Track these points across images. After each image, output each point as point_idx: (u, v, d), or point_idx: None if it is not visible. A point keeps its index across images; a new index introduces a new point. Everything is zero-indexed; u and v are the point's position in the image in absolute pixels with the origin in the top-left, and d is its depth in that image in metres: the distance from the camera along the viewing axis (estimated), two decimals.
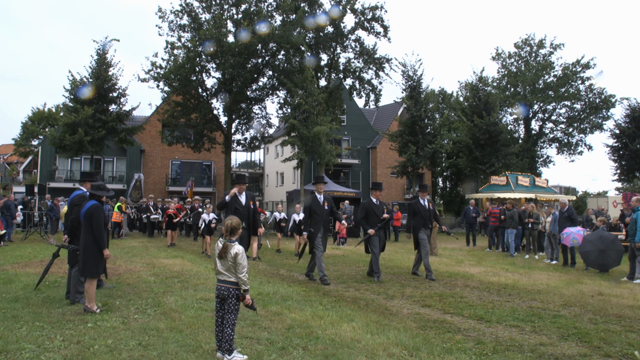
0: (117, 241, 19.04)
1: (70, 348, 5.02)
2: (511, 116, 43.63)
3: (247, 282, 4.77)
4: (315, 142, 25.03)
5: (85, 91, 25.44)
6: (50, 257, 8.77)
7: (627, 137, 35.24)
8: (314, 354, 4.93)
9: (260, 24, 25.11)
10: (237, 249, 4.75)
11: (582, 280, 10.63)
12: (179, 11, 27.27)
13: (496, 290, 9.10)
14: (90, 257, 6.67)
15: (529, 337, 5.80)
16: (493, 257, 15.68)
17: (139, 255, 13.84)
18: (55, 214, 19.32)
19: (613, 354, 5.17)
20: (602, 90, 41.46)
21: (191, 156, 37.10)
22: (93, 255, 6.69)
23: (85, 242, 6.71)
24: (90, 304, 6.61)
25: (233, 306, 4.76)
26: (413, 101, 30.96)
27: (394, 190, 42.91)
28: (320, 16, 27.93)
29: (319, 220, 9.84)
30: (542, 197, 26.19)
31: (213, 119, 29.18)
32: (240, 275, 4.71)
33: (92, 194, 6.98)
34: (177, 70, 25.47)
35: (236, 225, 4.85)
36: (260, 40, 25.69)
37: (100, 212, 6.79)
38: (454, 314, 6.94)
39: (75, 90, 25.70)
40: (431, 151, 30.37)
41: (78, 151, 26.09)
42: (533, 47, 43.03)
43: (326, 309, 7.05)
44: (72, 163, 37.05)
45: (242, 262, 4.72)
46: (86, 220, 6.74)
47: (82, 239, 6.77)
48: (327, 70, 30.66)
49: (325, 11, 28.42)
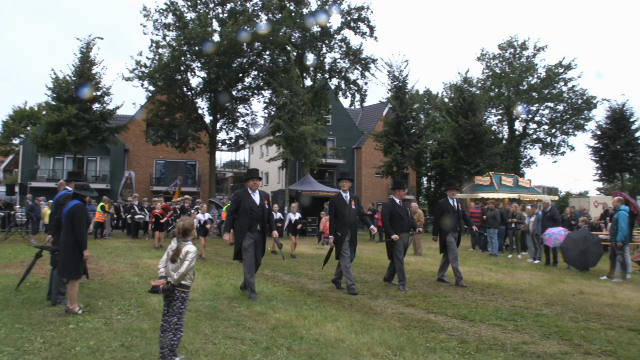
0: (100, 241, 18.83)
1: (50, 350, 4.96)
2: (495, 117, 44.07)
3: (180, 280, 4.51)
4: (301, 142, 25.02)
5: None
6: (32, 258, 8.64)
7: (608, 138, 35.71)
8: (298, 354, 4.93)
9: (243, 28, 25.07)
10: (189, 248, 4.60)
11: (563, 279, 10.76)
12: (164, 10, 27.09)
13: (479, 289, 9.18)
14: (72, 257, 6.57)
15: (512, 335, 5.85)
16: (476, 256, 15.81)
17: (122, 256, 13.70)
18: (36, 214, 19.04)
19: (593, 351, 5.25)
20: (583, 92, 42.05)
21: (175, 156, 36.84)
22: (74, 255, 6.58)
23: (65, 242, 6.60)
24: (72, 305, 6.53)
25: (177, 309, 4.56)
26: (398, 102, 31.09)
27: (378, 191, 43.08)
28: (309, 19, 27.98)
29: (346, 222, 8.74)
30: (525, 197, 26.42)
31: (198, 118, 29.03)
32: (182, 270, 4.48)
33: (76, 194, 6.88)
34: (161, 69, 25.28)
35: (189, 227, 4.69)
36: (245, 40, 25.61)
37: (82, 212, 6.69)
38: (438, 314, 6.99)
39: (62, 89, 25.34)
40: (416, 151, 30.51)
41: (61, 150, 25.76)
42: (517, 49, 43.46)
43: (310, 309, 7.05)
44: (55, 162, 36.59)
45: (189, 260, 4.52)
46: (68, 220, 6.62)
47: (63, 239, 6.66)
48: (313, 70, 30.68)
49: (312, 13, 28.44)
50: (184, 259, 4.55)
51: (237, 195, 8.23)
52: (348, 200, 8.93)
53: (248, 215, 7.87)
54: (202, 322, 6.11)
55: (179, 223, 4.72)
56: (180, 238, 4.66)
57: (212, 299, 7.64)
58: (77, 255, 6.61)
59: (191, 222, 4.78)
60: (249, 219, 7.86)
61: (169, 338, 4.47)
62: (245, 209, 7.91)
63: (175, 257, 4.58)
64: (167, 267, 4.63)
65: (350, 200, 8.96)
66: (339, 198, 8.98)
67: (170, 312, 4.54)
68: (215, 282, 9.21)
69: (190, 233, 4.71)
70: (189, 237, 4.70)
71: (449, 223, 9.94)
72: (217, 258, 14.03)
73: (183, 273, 4.50)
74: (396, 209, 9.40)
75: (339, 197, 9.00)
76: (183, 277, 4.52)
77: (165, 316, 4.58)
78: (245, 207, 7.93)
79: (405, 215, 9.48)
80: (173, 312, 4.54)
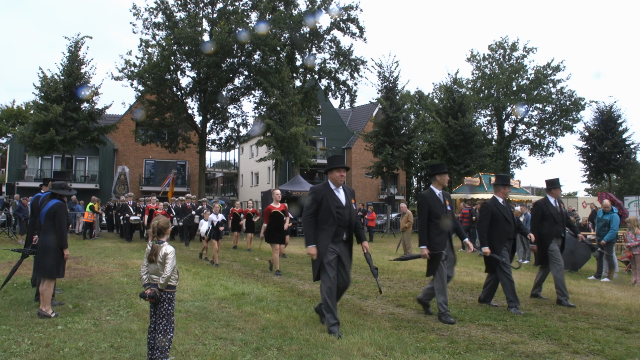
0: (89, 242, 18.70)
1: (38, 352, 4.91)
2: (485, 118, 44.37)
3: (167, 283, 4.45)
4: (292, 142, 25.01)
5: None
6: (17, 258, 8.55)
7: (595, 140, 36.10)
8: (289, 355, 4.92)
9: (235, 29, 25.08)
10: (167, 249, 4.50)
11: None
12: (154, 9, 26.96)
13: (469, 289, 9.22)
14: (51, 257, 6.44)
15: (501, 335, 5.89)
16: (466, 257, 15.86)
17: (111, 256, 13.61)
18: (24, 214, 18.84)
19: (581, 350, 5.30)
20: (572, 93, 42.47)
21: (165, 156, 36.69)
22: (54, 255, 6.46)
23: (45, 241, 6.49)
24: (45, 307, 6.33)
25: (165, 311, 4.48)
26: (389, 102, 31.18)
27: (368, 191, 43.18)
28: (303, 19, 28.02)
29: (443, 228, 6.66)
30: (514, 197, 26.61)
31: (187, 118, 28.93)
32: (165, 274, 4.41)
33: (54, 193, 6.79)
34: (151, 69, 25.17)
35: (164, 225, 4.58)
36: (235, 40, 25.56)
37: (63, 211, 6.60)
38: (428, 314, 7.01)
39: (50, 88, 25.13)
40: (406, 152, 30.61)
41: (49, 150, 25.53)
42: (506, 50, 43.81)
43: (301, 309, 7.04)
44: (43, 162, 36.28)
45: (170, 262, 4.44)
46: (48, 219, 6.53)
47: (42, 238, 6.55)
48: (303, 71, 30.69)
49: (302, 14, 28.46)
50: (164, 262, 4.45)
51: (315, 192, 6.05)
52: (442, 198, 6.84)
53: (333, 219, 5.91)
54: (192, 323, 6.08)
55: (153, 222, 4.60)
56: (155, 238, 4.56)
57: (202, 299, 7.61)
58: (58, 254, 6.49)
59: (166, 221, 4.67)
60: (334, 225, 5.92)
61: (160, 340, 4.41)
62: (328, 211, 5.94)
63: (152, 256, 4.48)
64: (146, 268, 4.54)
65: (444, 199, 6.86)
66: (431, 194, 6.84)
67: (159, 314, 4.48)
68: (205, 283, 9.18)
69: (165, 232, 4.59)
70: (164, 237, 4.59)
71: (551, 228, 8.11)
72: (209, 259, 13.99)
73: (168, 277, 4.43)
74: (500, 210, 7.50)
75: (431, 192, 6.86)
76: (168, 280, 4.45)
77: (152, 317, 4.52)
78: (326, 208, 5.94)
79: (511, 217, 7.57)
80: (161, 314, 4.47)
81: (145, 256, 4.56)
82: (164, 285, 4.43)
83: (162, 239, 4.57)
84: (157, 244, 4.52)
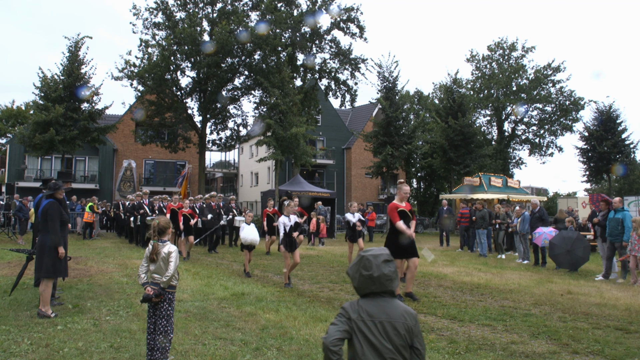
0: (88, 242, 18.70)
1: (38, 352, 4.91)
2: (484, 118, 44.38)
3: (169, 282, 4.46)
4: (293, 143, 24.99)
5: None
6: (17, 259, 8.56)
7: (595, 140, 36.07)
8: (288, 355, 4.93)
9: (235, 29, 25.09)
10: (171, 248, 4.51)
11: (552, 279, 10.84)
12: (154, 9, 26.95)
13: (469, 289, 9.22)
14: (47, 256, 6.45)
15: (501, 335, 5.89)
16: (466, 257, 15.87)
17: (111, 256, 13.60)
18: (24, 214, 18.85)
19: (581, 350, 5.30)
20: (571, 93, 42.48)
21: (165, 156, 36.67)
22: (50, 254, 6.46)
23: (42, 241, 6.51)
24: (44, 307, 6.34)
25: (165, 311, 4.47)
26: (388, 102, 31.16)
27: (368, 191, 43.15)
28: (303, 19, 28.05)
29: None
30: (514, 197, 26.59)
31: (187, 118, 28.92)
32: (169, 272, 4.41)
33: (49, 194, 6.79)
34: (151, 69, 25.16)
35: (165, 225, 4.58)
36: (236, 40, 25.57)
37: (55, 209, 6.60)
38: (428, 314, 7.01)
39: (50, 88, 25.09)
40: (406, 152, 30.60)
41: (48, 150, 25.52)
42: (506, 50, 43.80)
43: (300, 309, 7.04)
44: (42, 162, 36.23)
45: (174, 261, 4.45)
46: (42, 219, 6.56)
47: (40, 238, 6.57)
48: (303, 71, 30.68)
49: (303, 14, 28.48)
50: (168, 260, 4.46)
51: None
52: None
53: None
54: (191, 323, 6.08)
55: (154, 222, 4.59)
56: (157, 237, 4.55)
57: (201, 299, 7.61)
58: (54, 254, 6.50)
59: (167, 220, 4.68)
60: None
61: (160, 340, 4.41)
62: None
63: (153, 255, 4.47)
64: (149, 269, 4.53)
65: None
66: None
67: (158, 315, 4.47)
68: (205, 283, 9.18)
69: (166, 232, 4.59)
70: (166, 236, 4.59)
71: None
72: (206, 259, 13.98)
73: (171, 275, 4.44)
74: None
75: None
76: (172, 278, 4.47)
77: (152, 318, 4.50)
78: None
79: None
80: (161, 314, 4.46)
81: (145, 256, 4.55)
82: (167, 283, 4.43)
83: (164, 238, 4.58)
84: (159, 243, 4.52)
